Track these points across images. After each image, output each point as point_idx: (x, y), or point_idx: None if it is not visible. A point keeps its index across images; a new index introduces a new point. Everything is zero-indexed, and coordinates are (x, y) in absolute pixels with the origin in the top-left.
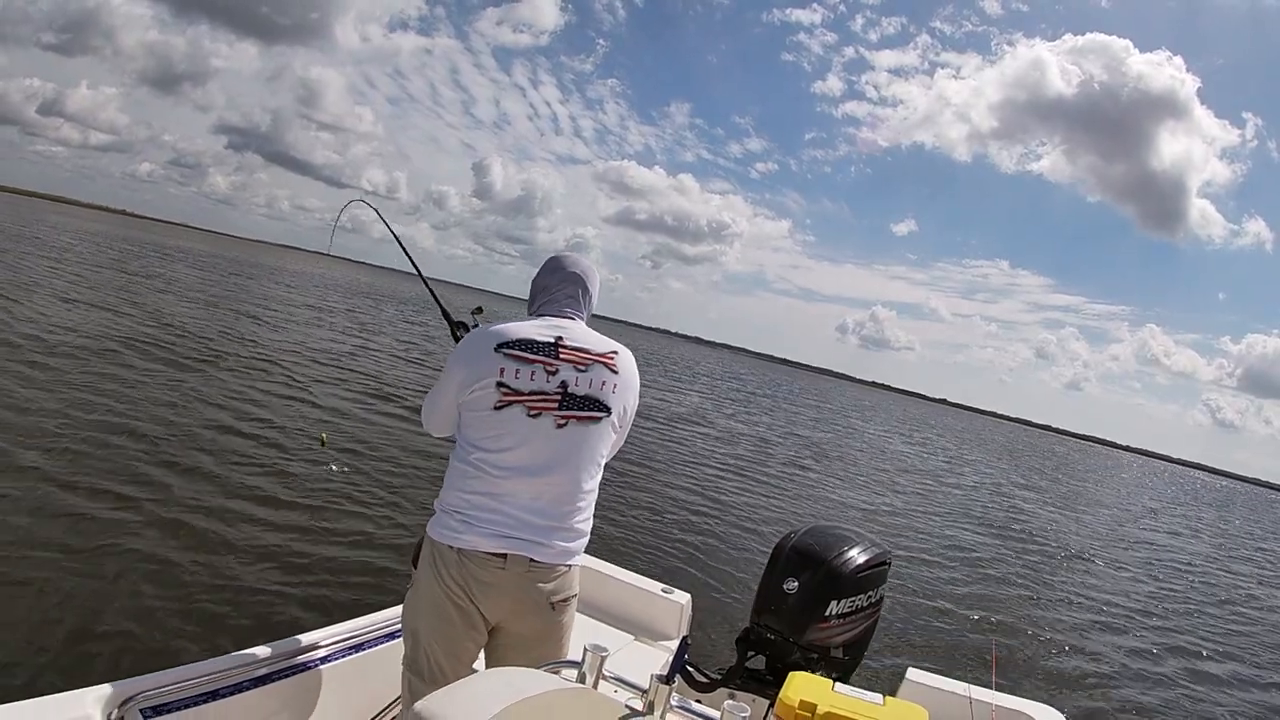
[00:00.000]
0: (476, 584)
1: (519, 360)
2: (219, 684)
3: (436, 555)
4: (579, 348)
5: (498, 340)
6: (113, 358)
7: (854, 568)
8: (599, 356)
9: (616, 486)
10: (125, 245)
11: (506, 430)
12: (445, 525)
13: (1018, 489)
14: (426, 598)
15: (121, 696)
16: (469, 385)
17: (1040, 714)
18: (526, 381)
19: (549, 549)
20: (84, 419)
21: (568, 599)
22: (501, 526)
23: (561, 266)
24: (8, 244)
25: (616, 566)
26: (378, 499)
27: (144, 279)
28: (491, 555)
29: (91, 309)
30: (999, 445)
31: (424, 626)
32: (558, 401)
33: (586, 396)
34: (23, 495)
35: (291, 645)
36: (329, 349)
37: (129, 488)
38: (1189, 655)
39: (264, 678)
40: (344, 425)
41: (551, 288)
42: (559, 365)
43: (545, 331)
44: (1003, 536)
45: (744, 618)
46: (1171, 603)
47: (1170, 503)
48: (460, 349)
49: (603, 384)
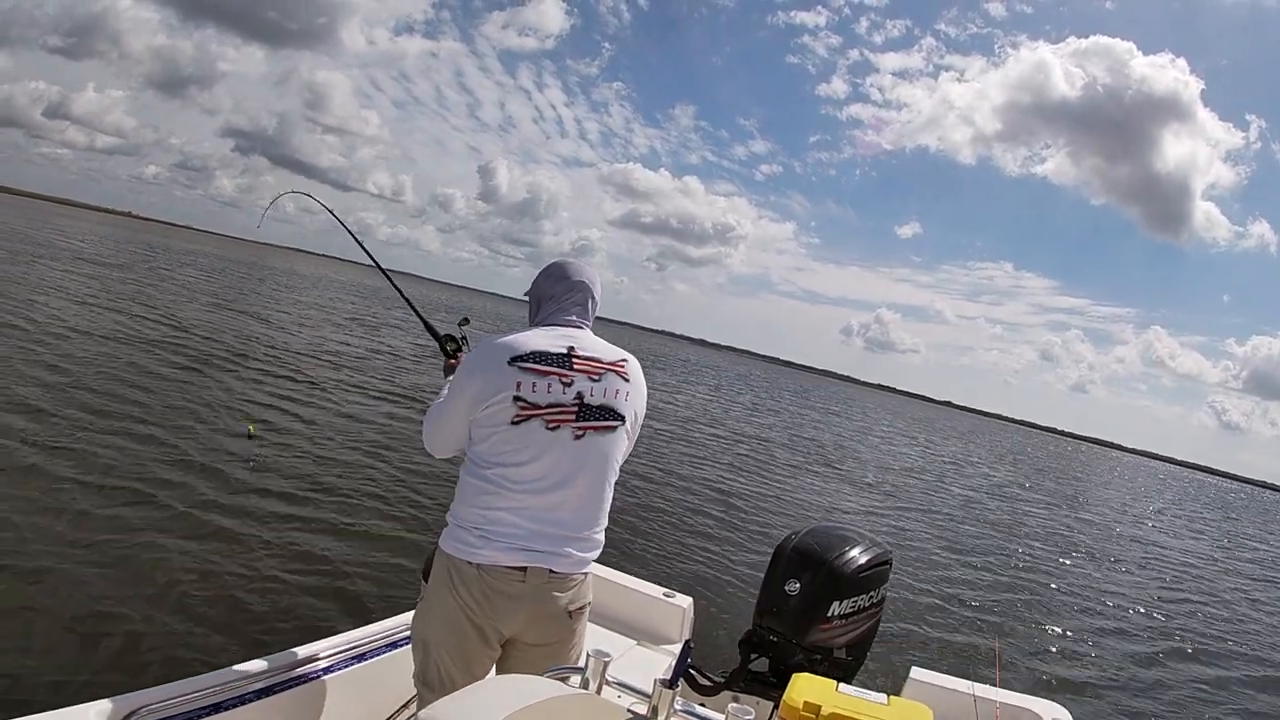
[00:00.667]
0: (496, 597)
1: (534, 373)
2: (222, 696)
3: (453, 571)
4: (591, 357)
5: (510, 353)
6: (127, 359)
7: (855, 568)
8: (610, 365)
9: (617, 491)
10: (135, 248)
11: (525, 444)
12: (462, 540)
13: (1020, 489)
14: (440, 613)
15: (124, 711)
16: (484, 401)
17: (1046, 711)
18: (544, 394)
19: (568, 559)
20: (89, 420)
21: (583, 607)
22: (521, 539)
23: (567, 275)
24: (23, 247)
25: (618, 571)
26: (390, 503)
27: (159, 281)
28: (512, 569)
29: (105, 311)
30: (1003, 447)
31: (437, 641)
32: (575, 413)
33: (602, 406)
34: (22, 497)
35: (294, 656)
36: (346, 351)
37: (134, 490)
38: (1192, 655)
39: (267, 689)
40: (359, 429)
41: (559, 296)
42: (574, 376)
43: (557, 342)
44: (1005, 536)
45: (747, 620)
46: (1175, 603)
47: (1173, 504)
48: (470, 364)
49: (616, 392)
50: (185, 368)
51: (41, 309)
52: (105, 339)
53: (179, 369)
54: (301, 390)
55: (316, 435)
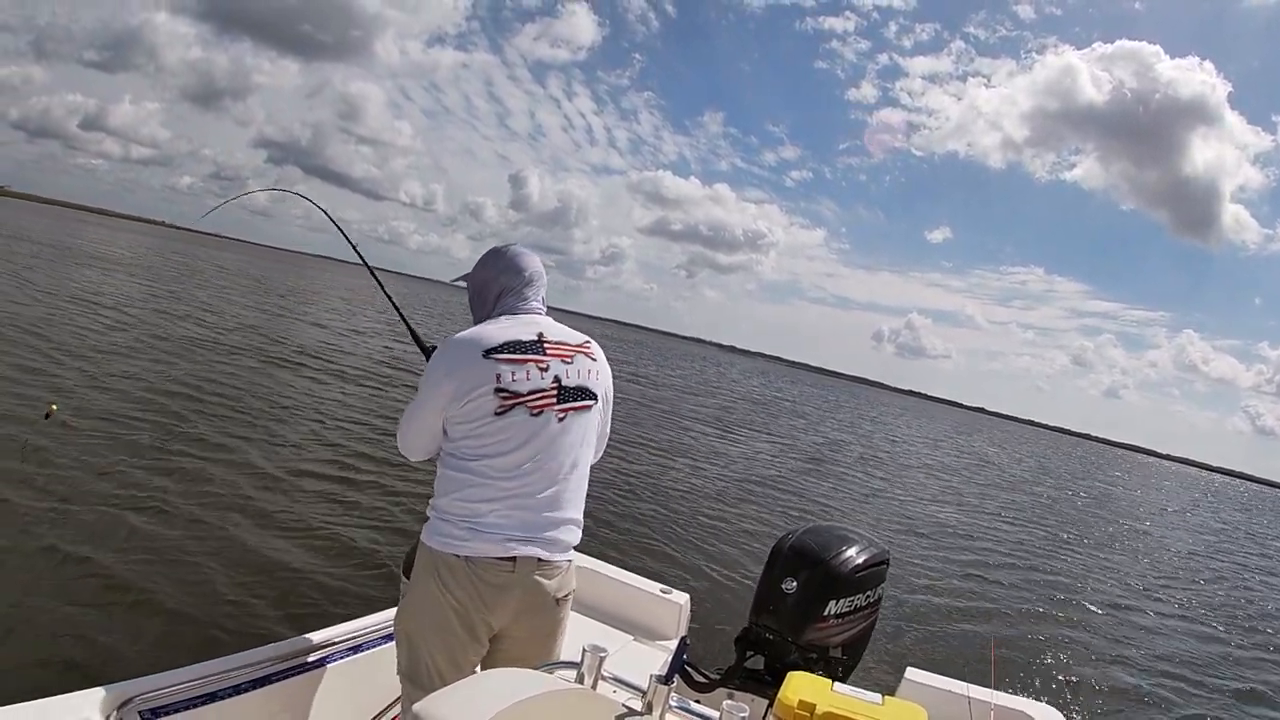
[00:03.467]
0: (486, 590)
1: (512, 362)
2: (218, 685)
3: (440, 565)
4: (560, 341)
5: (484, 346)
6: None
7: (852, 567)
8: (578, 347)
9: (616, 487)
10: (181, 258)
11: (510, 434)
12: (448, 535)
13: (1034, 493)
14: (427, 609)
15: (120, 699)
16: (461, 397)
17: (1039, 713)
18: (523, 382)
19: (554, 544)
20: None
21: (569, 594)
22: (511, 529)
23: (521, 264)
24: (88, 261)
25: (615, 567)
26: (383, 499)
27: (203, 289)
28: (501, 560)
29: (148, 317)
30: (1023, 450)
31: (423, 637)
32: (555, 396)
33: (579, 387)
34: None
35: (290, 646)
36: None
37: (150, 484)
38: (1192, 660)
39: (263, 679)
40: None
41: (518, 287)
42: (548, 361)
43: (525, 330)
44: (1008, 538)
45: (743, 618)
46: (1179, 606)
47: (1192, 508)
48: (439, 362)
49: (588, 372)
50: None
51: (170, 318)
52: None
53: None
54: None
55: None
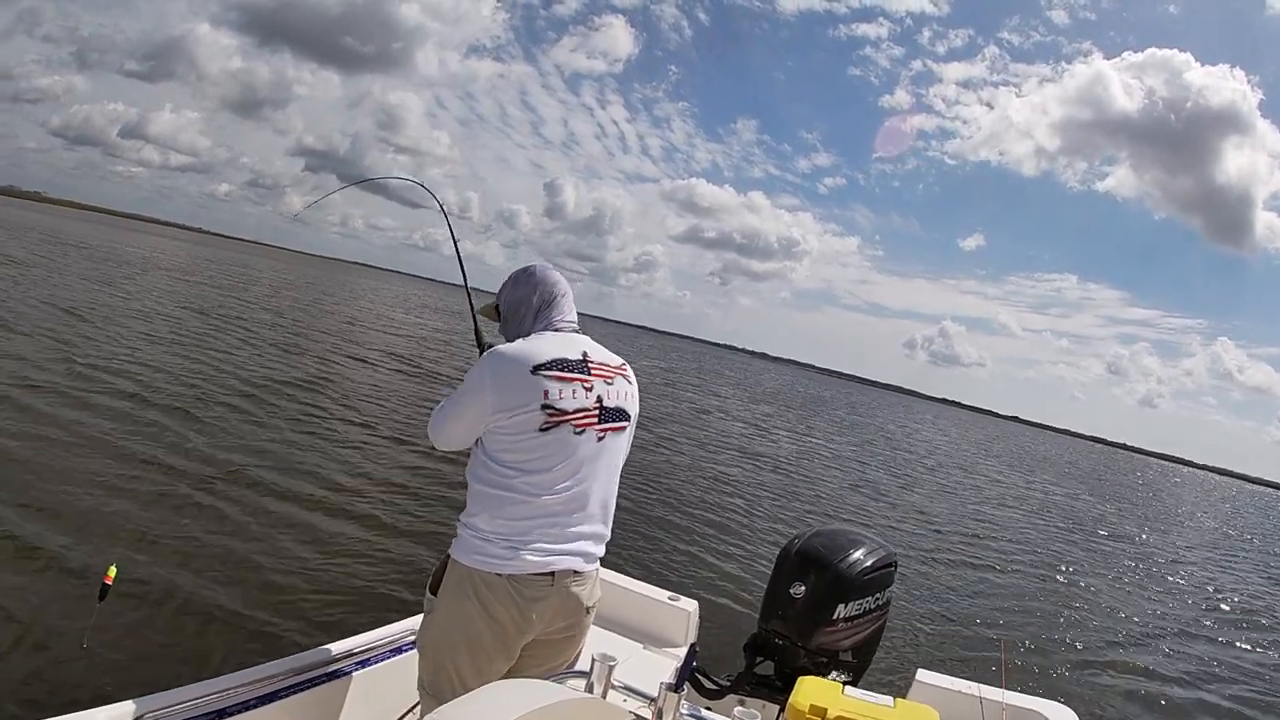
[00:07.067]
0: (527, 605)
1: (560, 380)
2: (227, 702)
3: (478, 584)
4: (603, 362)
5: (532, 362)
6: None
7: (860, 570)
8: (617, 369)
9: (623, 494)
10: (229, 266)
11: (553, 451)
12: (486, 553)
13: (1052, 496)
14: (460, 626)
15: (129, 717)
16: (508, 410)
17: (1052, 713)
18: (570, 400)
19: (586, 556)
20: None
21: (594, 605)
22: (551, 543)
23: (553, 281)
24: (135, 271)
25: (623, 575)
26: (409, 507)
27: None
28: (541, 575)
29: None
30: (1043, 454)
31: (452, 654)
32: (597, 415)
33: (617, 408)
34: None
35: (298, 662)
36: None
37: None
38: (1205, 661)
39: (271, 695)
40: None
41: (556, 302)
42: (593, 381)
43: (570, 348)
44: (1018, 539)
45: (752, 624)
46: (1191, 611)
47: (1219, 517)
48: (487, 372)
49: (625, 394)
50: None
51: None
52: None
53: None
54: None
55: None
